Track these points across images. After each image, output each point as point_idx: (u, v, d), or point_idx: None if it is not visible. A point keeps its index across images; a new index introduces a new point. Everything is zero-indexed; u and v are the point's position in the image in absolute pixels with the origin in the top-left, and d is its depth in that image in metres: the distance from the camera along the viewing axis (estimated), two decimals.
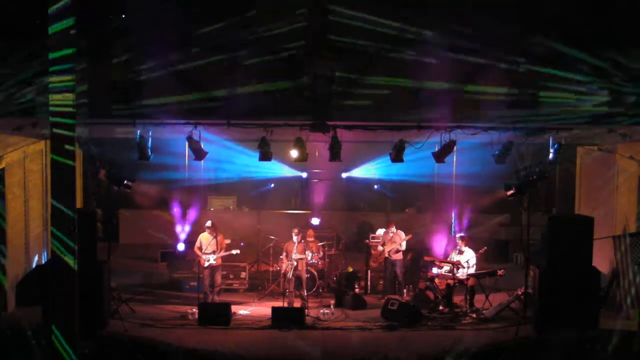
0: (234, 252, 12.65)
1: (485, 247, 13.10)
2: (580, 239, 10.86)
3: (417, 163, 12.94)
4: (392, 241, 13.33)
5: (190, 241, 13.76)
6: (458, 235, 13.22)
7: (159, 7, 10.43)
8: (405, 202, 18.45)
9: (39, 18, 8.61)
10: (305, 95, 10.78)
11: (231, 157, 15.36)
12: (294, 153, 11.80)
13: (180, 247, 14.55)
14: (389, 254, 13.30)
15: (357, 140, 13.33)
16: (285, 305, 11.99)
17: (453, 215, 16.15)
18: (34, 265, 12.54)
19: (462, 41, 10.61)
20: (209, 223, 12.68)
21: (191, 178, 16.22)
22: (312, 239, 13.63)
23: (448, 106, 10.83)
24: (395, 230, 13.40)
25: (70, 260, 8.20)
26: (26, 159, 12.30)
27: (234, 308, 11.87)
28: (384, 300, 12.25)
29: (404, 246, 13.30)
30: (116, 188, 12.00)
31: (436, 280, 12.57)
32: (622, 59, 10.53)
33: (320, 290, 13.39)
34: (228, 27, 10.66)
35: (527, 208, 13.57)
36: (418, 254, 14.11)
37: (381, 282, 13.88)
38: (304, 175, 17.66)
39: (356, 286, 13.72)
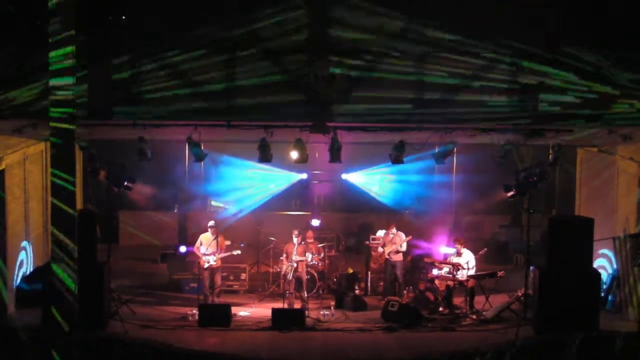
0: (234, 252, 12.66)
1: (486, 249, 13.09)
2: (581, 240, 10.85)
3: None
4: (392, 242, 13.32)
5: (192, 243, 13.74)
6: (455, 237, 13.20)
7: (160, 8, 10.44)
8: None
9: (39, 18, 8.62)
10: (305, 96, 10.77)
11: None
12: (294, 154, 11.80)
13: (182, 249, 14.57)
14: (389, 255, 13.30)
15: (357, 142, 13.32)
16: (286, 306, 11.99)
17: (453, 216, 16.16)
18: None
19: (463, 40, 10.62)
20: (211, 223, 12.67)
21: (191, 180, 16.29)
22: (312, 240, 13.62)
23: (449, 107, 10.83)
24: (395, 231, 13.40)
25: (70, 261, 8.20)
26: (26, 160, 12.30)
27: (234, 309, 11.86)
28: (384, 302, 12.23)
29: (404, 247, 13.30)
30: (116, 189, 12.00)
31: (436, 282, 12.56)
32: (622, 60, 10.54)
33: (321, 292, 13.38)
34: (228, 27, 10.67)
35: (527, 209, 13.56)
36: (418, 256, 14.10)
37: (381, 284, 13.87)
38: (304, 176, 17.67)
39: (356, 287, 13.71)
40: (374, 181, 17.57)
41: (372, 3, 10.59)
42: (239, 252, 12.76)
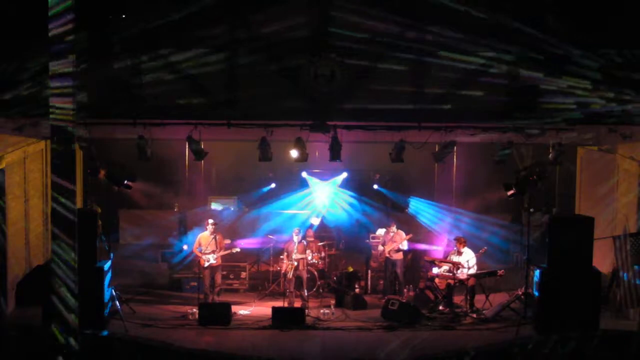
0: (234, 250, 12.68)
1: (486, 247, 13.09)
2: (581, 239, 10.85)
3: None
4: (392, 241, 13.32)
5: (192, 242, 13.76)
6: (455, 237, 13.20)
7: (160, 7, 10.45)
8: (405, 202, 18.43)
9: (39, 17, 8.61)
10: (306, 94, 10.77)
11: None
12: (294, 153, 11.81)
13: (185, 247, 14.57)
14: (389, 254, 13.30)
15: (358, 141, 13.32)
16: (286, 305, 12.00)
17: (453, 216, 16.14)
18: None
19: (464, 38, 10.62)
20: (211, 220, 12.67)
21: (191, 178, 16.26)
22: (312, 239, 13.63)
23: (449, 106, 10.83)
24: (395, 229, 13.40)
25: (70, 260, 8.20)
26: (26, 159, 12.31)
27: (234, 308, 11.87)
28: (384, 300, 12.24)
29: (404, 246, 13.30)
30: (116, 188, 12.01)
31: (436, 280, 12.57)
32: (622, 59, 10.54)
33: (321, 290, 13.38)
34: (229, 27, 10.66)
35: (527, 208, 13.56)
36: (418, 254, 14.10)
37: (381, 282, 13.88)
38: (305, 175, 17.65)
39: (356, 286, 13.71)
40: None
41: (372, 2, 10.60)
42: (238, 249, 12.78)
